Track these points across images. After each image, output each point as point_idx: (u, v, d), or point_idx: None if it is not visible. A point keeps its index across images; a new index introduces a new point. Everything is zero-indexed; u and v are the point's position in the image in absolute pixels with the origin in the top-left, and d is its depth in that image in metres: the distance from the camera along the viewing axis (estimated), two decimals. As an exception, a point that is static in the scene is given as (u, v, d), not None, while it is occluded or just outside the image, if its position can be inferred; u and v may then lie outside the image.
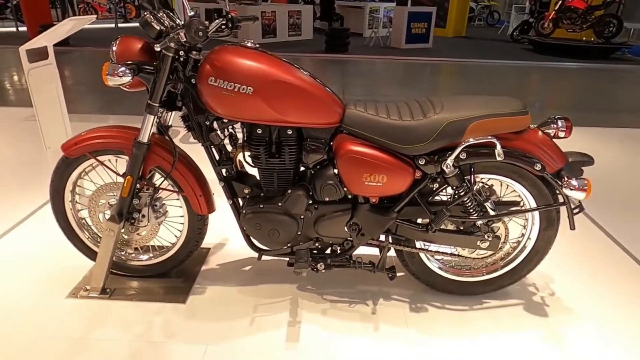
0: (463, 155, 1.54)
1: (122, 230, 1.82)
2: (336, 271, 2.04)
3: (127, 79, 1.43)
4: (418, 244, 1.79)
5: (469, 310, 1.85)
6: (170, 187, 1.78)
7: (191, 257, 1.94)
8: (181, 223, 1.86)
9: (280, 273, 2.03)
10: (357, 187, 1.61)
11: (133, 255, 1.96)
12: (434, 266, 1.86)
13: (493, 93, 6.10)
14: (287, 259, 1.83)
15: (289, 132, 1.60)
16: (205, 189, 1.79)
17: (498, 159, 1.52)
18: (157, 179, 1.83)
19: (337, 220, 1.70)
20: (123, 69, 1.43)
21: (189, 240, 1.87)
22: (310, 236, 1.76)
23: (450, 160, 1.53)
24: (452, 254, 1.81)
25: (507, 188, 1.77)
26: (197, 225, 1.84)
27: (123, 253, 1.95)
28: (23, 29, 10.63)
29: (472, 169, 1.59)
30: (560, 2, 10.11)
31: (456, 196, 1.62)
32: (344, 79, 6.68)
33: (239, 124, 1.64)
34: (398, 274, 2.01)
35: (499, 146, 1.50)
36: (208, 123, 1.65)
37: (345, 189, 1.64)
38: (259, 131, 1.61)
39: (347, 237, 1.74)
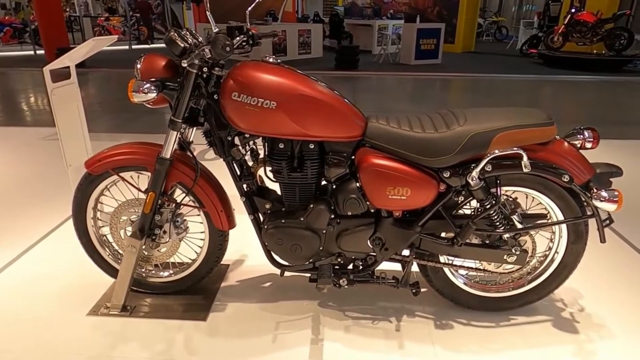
0: (489, 167, 1.52)
1: (143, 247, 1.82)
2: (358, 287, 2.01)
3: (153, 95, 1.45)
4: (442, 259, 1.75)
5: (496, 326, 1.80)
6: (191, 203, 1.78)
7: (211, 274, 1.93)
8: (201, 239, 1.85)
9: (301, 289, 2.00)
10: (380, 201, 1.59)
11: (153, 272, 1.95)
12: (458, 281, 1.82)
13: (511, 106, 6.10)
14: (309, 274, 1.80)
15: (311, 146, 1.60)
16: (226, 204, 1.78)
17: (525, 170, 1.49)
18: (178, 194, 1.84)
19: (360, 235, 1.68)
20: (148, 85, 1.44)
21: (210, 256, 1.86)
22: (332, 251, 1.74)
23: (475, 173, 1.51)
24: (477, 269, 1.77)
25: (533, 201, 1.74)
26: (218, 241, 1.83)
27: (143, 270, 1.94)
28: (41, 52, 10.95)
29: (498, 181, 1.57)
30: (569, 16, 10.13)
31: (482, 209, 1.59)
32: (354, 95, 6.72)
33: (260, 138, 1.65)
34: (422, 290, 1.96)
35: (525, 157, 1.47)
36: (230, 138, 1.65)
37: (368, 202, 1.62)
38: (281, 145, 1.60)
39: (370, 252, 1.72)
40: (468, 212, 1.73)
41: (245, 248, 2.34)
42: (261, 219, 1.78)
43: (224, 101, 1.51)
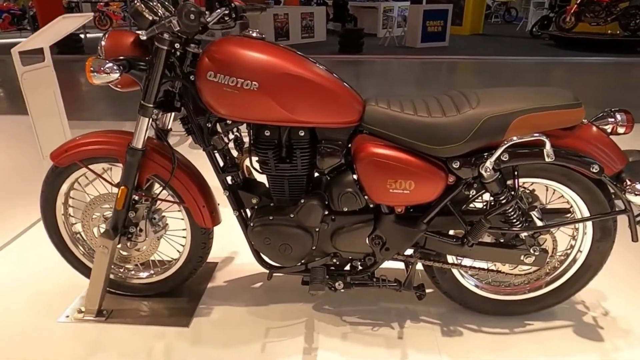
0: (505, 157, 1.32)
1: (119, 246, 1.65)
2: (357, 289, 1.83)
3: (115, 76, 1.25)
4: (450, 259, 1.56)
5: (510, 333, 1.61)
6: (170, 198, 1.60)
7: (195, 274, 1.76)
8: (184, 237, 1.68)
9: (294, 290, 1.83)
10: (380, 196, 1.40)
11: (132, 272, 1.78)
12: (468, 283, 1.63)
13: None
14: (302, 276, 1.63)
15: (301, 133, 1.40)
16: (209, 199, 1.60)
17: (547, 160, 1.29)
18: (156, 189, 1.65)
19: (357, 233, 1.49)
20: (110, 65, 1.25)
21: (193, 256, 1.68)
22: (327, 251, 1.55)
23: (489, 163, 1.31)
24: (489, 270, 1.58)
25: (554, 194, 1.54)
26: (201, 239, 1.65)
27: (122, 270, 1.78)
28: (39, 38, 10.72)
29: (516, 173, 1.37)
30: (582, -6, 9.71)
31: (496, 204, 1.39)
32: (358, 80, 6.47)
33: (245, 125, 1.45)
34: (428, 291, 1.78)
35: (548, 145, 1.27)
36: (210, 125, 1.46)
37: (366, 197, 1.43)
38: (267, 133, 1.41)
39: (369, 252, 1.53)
40: (480, 206, 1.54)
41: (235, 244, 2.17)
42: (248, 214, 1.59)
43: (199, 82, 1.32)
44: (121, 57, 1.32)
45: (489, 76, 6.73)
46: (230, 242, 2.18)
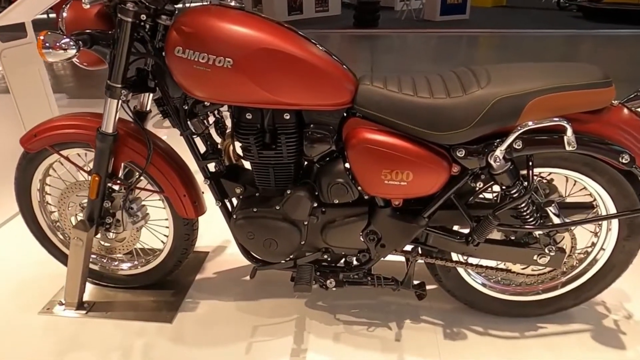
0: (518, 144, 1.14)
1: (99, 236, 1.54)
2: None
3: (72, 52, 1.11)
4: (455, 256, 1.41)
5: (520, 337, 1.46)
6: (149, 187, 1.48)
7: (180, 267, 1.65)
8: (167, 227, 1.56)
9: (286, 284, 1.70)
10: (374, 187, 1.24)
11: (115, 264, 1.68)
12: (474, 282, 1.48)
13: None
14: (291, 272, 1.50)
15: (286, 116, 1.24)
16: (191, 187, 1.47)
17: (568, 148, 1.10)
18: (135, 176, 1.53)
19: (350, 228, 1.35)
20: (67, 40, 1.11)
21: (176, 248, 1.57)
22: (317, 246, 1.42)
23: (500, 152, 1.13)
24: (498, 268, 1.42)
25: (574, 185, 1.35)
26: (184, 230, 1.53)
27: (104, 261, 1.68)
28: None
29: (531, 162, 1.19)
30: (616, -39, 9.03)
31: (507, 198, 1.22)
32: (374, 56, 6.19)
33: (226, 107, 1.30)
34: (429, 287, 1.64)
35: (570, 131, 1.08)
36: (187, 107, 1.31)
37: (359, 188, 1.28)
38: (249, 116, 1.26)
39: (364, 247, 1.39)
40: (489, 197, 1.37)
41: (228, 233, 2.03)
42: (234, 205, 1.46)
43: (168, 59, 1.17)
44: (82, 31, 1.17)
45: (512, 51, 6.35)
46: (222, 230, 2.06)
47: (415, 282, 1.45)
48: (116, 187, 1.49)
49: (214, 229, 2.04)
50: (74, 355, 1.41)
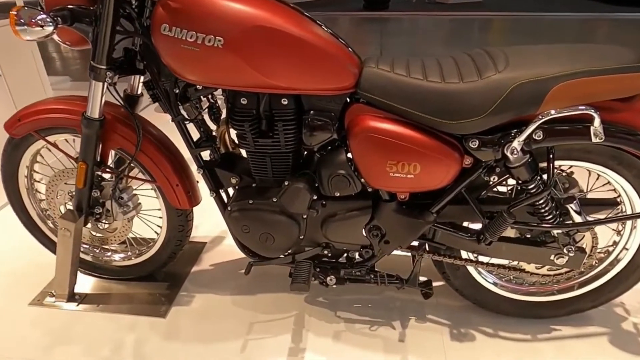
0: (539, 135, 1.03)
1: (89, 226, 1.48)
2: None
3: (49, 29, 1.02)
4: (464, 254, 1.32)
5: (532, 340, 1.38)
6: (141, 175, 1.40)
7: (175, 259, 1.58)
8: (160, 217, 1.49)
9: (284, 278, 1.63)
10: (378, 180, 1.14)
11: (108, 254, 1.62)
12: (485, 281, 1.39)
13: None
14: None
15: (284, 101, 1.14)
16: (185, 176, 1.39)
17: (594, 140, 0.99)
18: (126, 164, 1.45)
19: (352, 223, 1.25)
20: (43, 16, 1.01)
21: (170, 239, 1.50)
22: (317, 241, 1.33)
23: (518, 143, 1.02)
24: (510, 268, 1.32)
25: (598, 179, 1.24)
26: (178, 221, 1.46)
27: (97, 251, 1.62)
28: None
29: (552, 155, 1.08)
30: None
31: (524, 194, 1.12)
32: (383, 39, 6.00)
33: (220, 90, 1.21)
34: (436, 283, 1.55)
35: (597, 120, 0.97)
36: (178, 91, 1.22)
37: (362, 180, 1.18)
38: (243, 101, 1.16)
39: (367, 243, 1.30)
40: (503, 190, 1.27)
41: (228, 222, 1.97)
42: (230, 195, 1.38)
43: (154, 38, 1.07)
44: (62, 7, 1.08)
45: (528, 35, 6.11)
46: (220, 220, 1.96)
47: (422, 280, 1.37)
48: (107, 176, 1.41)
49: (211, 219, 1.97)
50: (63, 349, 1.36)
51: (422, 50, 5.37)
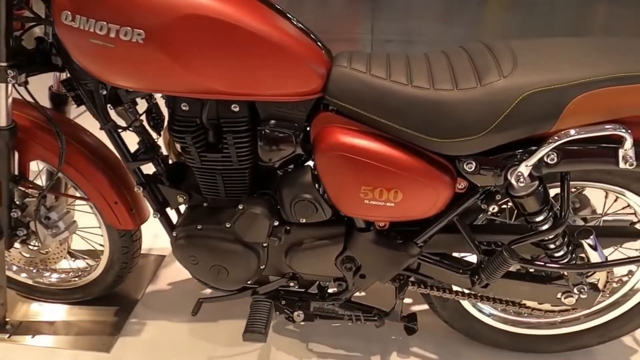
0: (552, 158, 0.81)
1: (18, 247, 1.26)
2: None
3: None
4: (455, 287, 1.12)
5: (530, 378, 1.20)
6: (75, 191, 1.17)
7: (122, 282, 1.37)
8: (102, 235, 1.27)
9: (249, 302, 1.42)
10: (350, 207, 0.93)
11: (48, 274, 1.40)
12: (479, 312, 1.20)
13: (582, 32, 4.77)
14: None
15: (234, 108, 0.91)
16: (127, 192, 1.16)
17: (623, 166, 0.78)
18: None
19: (321, 253, 1.04)
20: None
21: (113, 262, 1.28)
22: (281, 271, 1.12)
23: (526, 167, 0.81)
24: (508, 302, 1.13)
25: (616, 201, 1.04)
26: (121, 242, 1.24)
27: (34, 272, 1.40)
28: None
29: (567, 180, 0.87)
30: None
31: (530, 226, 0.91)
32: (373, 19, 5.65)
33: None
34: (420, 307, 1.36)
35: (629, 142, 0.76)
36: (105, 92, 0.98)
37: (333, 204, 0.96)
38: (185, 107, 0.93)
39: (339, 275, 1.09)
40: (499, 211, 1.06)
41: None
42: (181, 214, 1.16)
43: (57, 29, 0.82)
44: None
45: (538, 15, 5.70)
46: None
47: (405, 314, 1.17)
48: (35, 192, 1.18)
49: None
50: (-15, 395, 1.16)
51: (419, 29, 5.04)
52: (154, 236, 1.70)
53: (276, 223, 1.01)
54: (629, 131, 0.75)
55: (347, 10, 6.05)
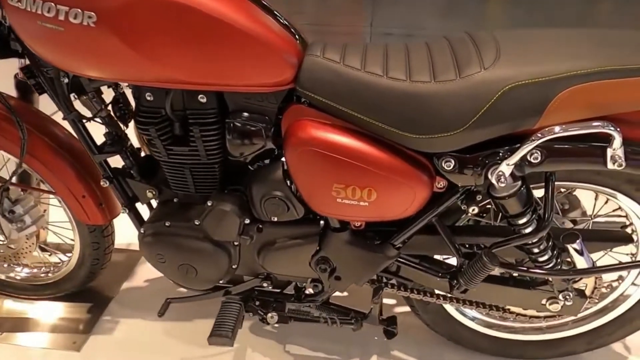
0: (536, 157, 0.75)
1: (-15, 241, 1.21)
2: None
3: None
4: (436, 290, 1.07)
5: (515, 385, 1.15)
6: (42, 184, 1.12)
7: (95, 279, 1.32)
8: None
9: (230, 302, 1.38)
10: (322, 206, 0.88)
11: (19, 269, 1.36)
12: (461, 316, 1.15)
13: (587, 24, 4.74)
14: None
15: (201, 99, 0.86)
16: (96, 185, 1.11)
17: (611, 166, 0.72)
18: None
19: (295, 252, 0.99)
20: None
21: (85, 258, 1.24)
22: (254, 270, 1.07)
23: (507, 166, 0.75)
24: (491, 307, 1.08)
25: (606, 203, 0.98)
26: (91, 238, 1.19)
27: (6, 266, 1.35)
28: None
29: (551, 180, 0.81)
30: None
31: (513, 229, 0.85)
32: (374, 9, 5.56)
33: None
34: (403, 309, 1.31)
35: (617, 141, 0.70)
36: (67, 80, 0.92)
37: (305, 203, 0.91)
38: (149, 97, 0.87)
39: (315, 276, 1.04)
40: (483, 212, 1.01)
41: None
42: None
43: (5, 10, 0.77)
44: None
45: (545, 7, 5.61)
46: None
47: (385, 317, 1.12)
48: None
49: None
50: (-52, 394, 1.12)
51: (421, 20, 4.95)
52: (134, 231, 1.66)
53: (247, 221, 0.96)
54: (618, 129, 0.70)
55: (347, 2, 5.96)
